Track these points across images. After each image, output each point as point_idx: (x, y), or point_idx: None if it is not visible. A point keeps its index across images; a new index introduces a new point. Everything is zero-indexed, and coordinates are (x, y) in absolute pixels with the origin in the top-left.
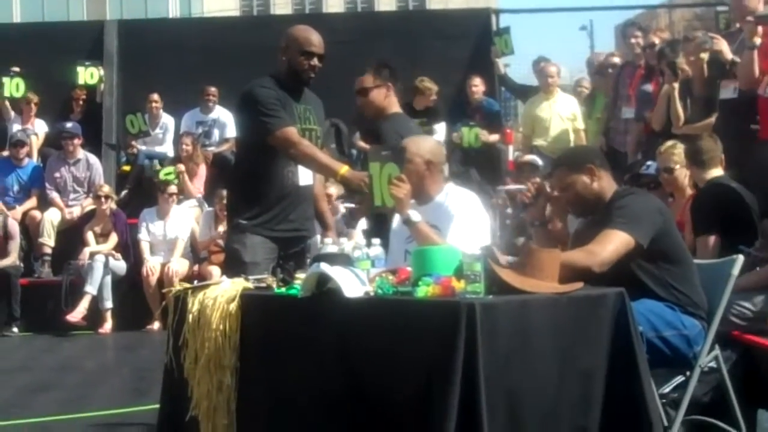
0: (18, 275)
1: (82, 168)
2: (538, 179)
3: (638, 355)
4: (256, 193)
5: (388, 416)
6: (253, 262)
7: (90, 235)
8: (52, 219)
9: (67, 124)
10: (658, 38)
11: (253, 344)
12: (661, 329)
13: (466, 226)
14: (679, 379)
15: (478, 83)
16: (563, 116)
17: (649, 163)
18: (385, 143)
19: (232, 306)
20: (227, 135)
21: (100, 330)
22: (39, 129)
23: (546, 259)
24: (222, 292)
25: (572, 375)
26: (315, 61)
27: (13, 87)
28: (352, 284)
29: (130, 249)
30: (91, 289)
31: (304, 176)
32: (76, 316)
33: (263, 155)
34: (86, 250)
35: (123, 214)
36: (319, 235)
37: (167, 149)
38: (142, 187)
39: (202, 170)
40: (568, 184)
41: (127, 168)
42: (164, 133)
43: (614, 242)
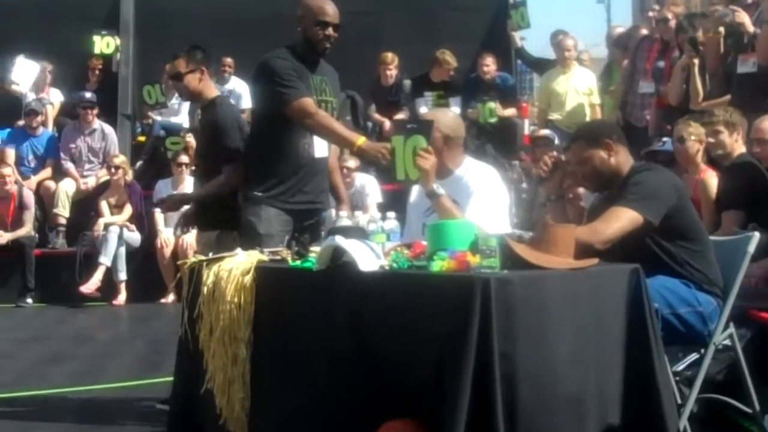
0: (32, 246)
1: (98, 138)
2: (555, 153)
3: (651, 332)
4: (271, 165)
5: (401, 390)
6: (268, 234)
7: (104, 206)
8: (66, 189)
9: (86, 94)
10: (671, 13)
11: (267, 317)
12: (676, 306)
13: (485, 201)
14: (694, 357)
15: (490, 62)
16: (579, 90)
17: (665, 140)
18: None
19: (247, 279)
20: (243, 106)
21: (114, 302)
22: (54, 98)
23: (561, 234)
24: (237, 265)
25: (587, 350)
26: (330, 31)
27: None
28: (367, 258)
29: (144, 220)
30: (106, 260)
31: (320, 148)
32: (90, 287)
33: (279, 126)
34: (101, 221)
35: (137, 185)
36: (333, 208)
37: (183, 120)
38: (157, 158)
39: None
40: (585, 159)
41: (142, 139)
42: (180, 104)
43: (621, 220)
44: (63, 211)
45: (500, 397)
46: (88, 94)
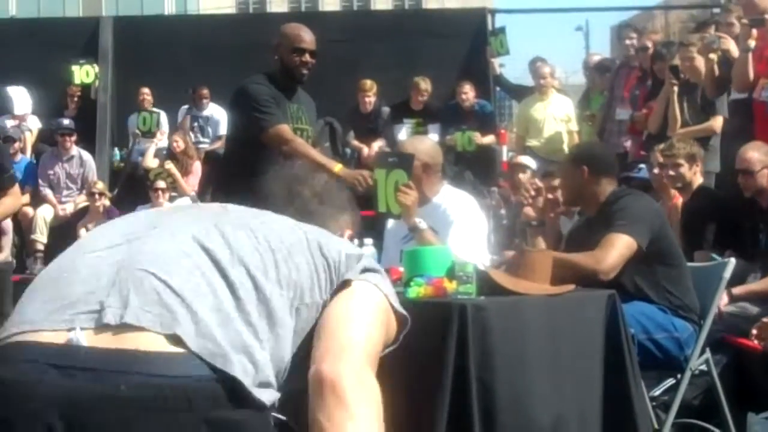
0: (10, 271)
1: (76, 164)
2: (537, 180)
3: (627, 357)
4: (246, 191)
5: None
6: None
7: (83, 232)
8: (44, 215)
9: (64, 121)
10: (650, 41)
11: None
12: (653, 332)
13: (464, 230)
14: (670, 382)
15: (468, 90)
16: (557, 117)
17: (641, 166)
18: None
19: None
20: (220, 132)
21: None
22: (32, 125)
23: (538, 260)
24: None
25: (565, 376)
26: (307, 57)
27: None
28: None
29: None
30: None
31: None
32: None
33: (254, 152)
34: None
35: (116, 211)
36: None
37: (161, 144)
38: (135, 183)
39: (197, 167)
40: (567, 172)
41: (120, 165)
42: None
43: (618, 247)
44: (41, 237)
45: (478, 425)
46: (66, 121)
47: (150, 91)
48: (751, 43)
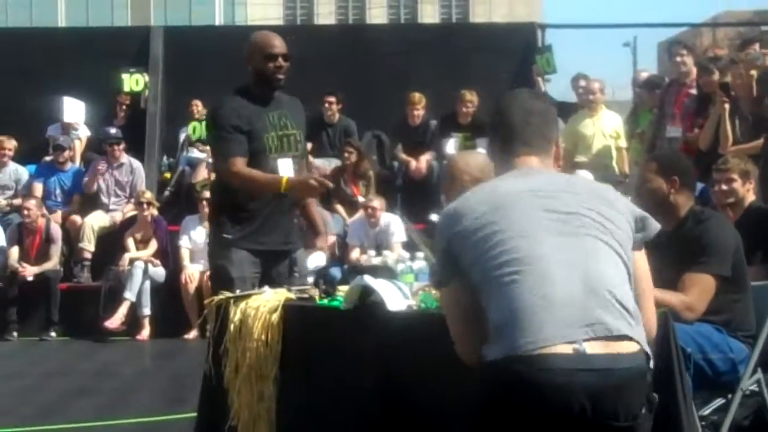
0: (58, 280)
1: (125, 172)
2: None
3: (678, 376)
4: (237, 207)
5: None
6: (241, 278)
7: (130, 241)
8: (92, 223)
9: (111, 130)
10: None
11: (294, 355)
12: (708, 351)
13: None
14: (720, 402)
15: None
16: (606, 133)
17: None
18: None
19: (275, 316)
20: None
21: (138, 336)
22: (82, 133)
23: None
24: (264, 302)
25: None
26: (280, 62)
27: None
28: (395, 297)
29: (169, 256)
30: (130, 295)
31: None
32: (115, 322)
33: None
34: (126, 256)
35: (164, 222)
36: (316, 241)
37: (207, 154)
38: (182, 193)
39: None
40: (648, 179)
41: (167, 175)
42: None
43: (707, 291)
44: (88, 245)
45: None
46: (113, 130)
47: (200, 102)
48: None
